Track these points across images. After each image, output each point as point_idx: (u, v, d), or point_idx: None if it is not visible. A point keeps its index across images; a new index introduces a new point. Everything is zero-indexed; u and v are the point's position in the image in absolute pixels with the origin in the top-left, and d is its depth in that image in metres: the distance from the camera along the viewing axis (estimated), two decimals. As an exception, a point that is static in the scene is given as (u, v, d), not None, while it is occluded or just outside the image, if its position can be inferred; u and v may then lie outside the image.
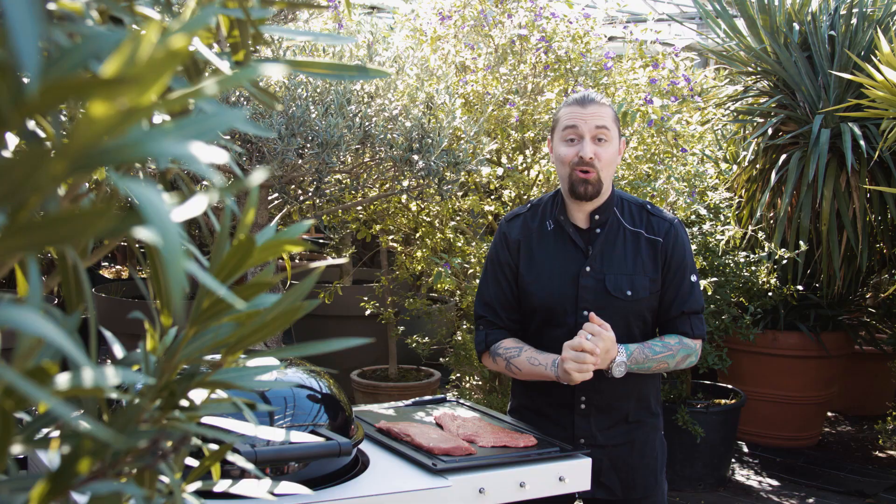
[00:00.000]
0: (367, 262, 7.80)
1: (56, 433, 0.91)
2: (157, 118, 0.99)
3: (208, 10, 0.68)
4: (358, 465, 2.46)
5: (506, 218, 3.20)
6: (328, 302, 5.61)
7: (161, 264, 0.95)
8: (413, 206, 5.41)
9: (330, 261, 1.44)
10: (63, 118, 1.07)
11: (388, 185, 4.68)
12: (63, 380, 0.73)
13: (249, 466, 1.23)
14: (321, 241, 8.42)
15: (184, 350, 0.98)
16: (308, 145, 3.75)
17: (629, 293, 2.97)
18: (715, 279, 5.30)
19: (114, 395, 0.74)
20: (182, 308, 0.75)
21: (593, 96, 3.00)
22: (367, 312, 6.12)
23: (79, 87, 0.53)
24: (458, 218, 5.42)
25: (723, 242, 5.37)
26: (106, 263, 10.33)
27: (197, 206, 0.66)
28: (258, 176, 0.70)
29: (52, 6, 0.80)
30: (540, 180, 5.15)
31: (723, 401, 5.92)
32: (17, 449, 0.78)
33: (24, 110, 0.53)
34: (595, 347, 2.78)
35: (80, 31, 0.70)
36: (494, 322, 3.11)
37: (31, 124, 0.85)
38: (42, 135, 0.85)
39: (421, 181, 4.14)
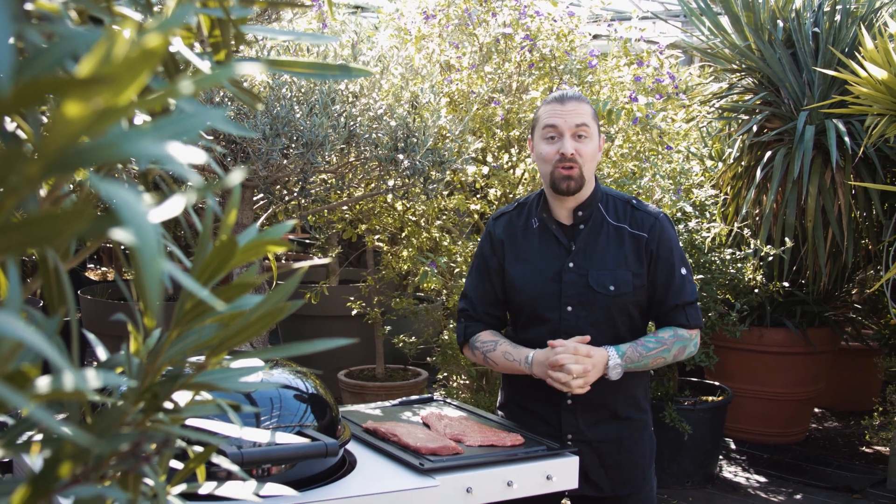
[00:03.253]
0: (353, 261, 7.79)
1: (39, 437, 0.90)
2: (139, 118, 0.98)
3: (185, 8, 0.67)
4: (345, 466, 2.45)
5: (493, 216, 3.24)
6: (315, 302, 5.59)
7: (138, 266, 0.95)
8: (399, 206, 5.41)
9: (314, 261, 1.43)
10: (44, 119, 1.06)
11: (373, 185, 4.67)
12: (44, 383, 0.72)
13: (234, 468, 1.22)
14: (307, 241, 8.41)
15: (167, 352, 0.98)
16: (293, 145, 3.74)
17: (612, 288, 2.98)
18: (701, 276, 5.31)
19: (95, 399, 0.73)
20: (160, 309, 0.74)
21: (571, 93, 3.03)
22: (354, 312, 6.11)
23: (53, 87, 0.53)
24: (443, 217, 5.41)
25: (709, 240, 5.38)
26: (91, 265, 10.30)
27: (175, 206, 0.66)
28: (237, 176, 0.70)
29: (29, 6, 0.79)
30: (525, 179, 5.15)
31: (710, 398, 5.92)
32: (-3, 454, 0.77)
33: (-2, 111, 0.53)
34: (575, 372, 2.84)
35: (57, 30, 0.69)
36: (473, 316, 3.14)
37: (12, 125, 0.85)
38: (22, 135, 0.84)
39: (406, 180, 4.14)
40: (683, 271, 3.07)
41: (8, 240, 0.55)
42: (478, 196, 5.41)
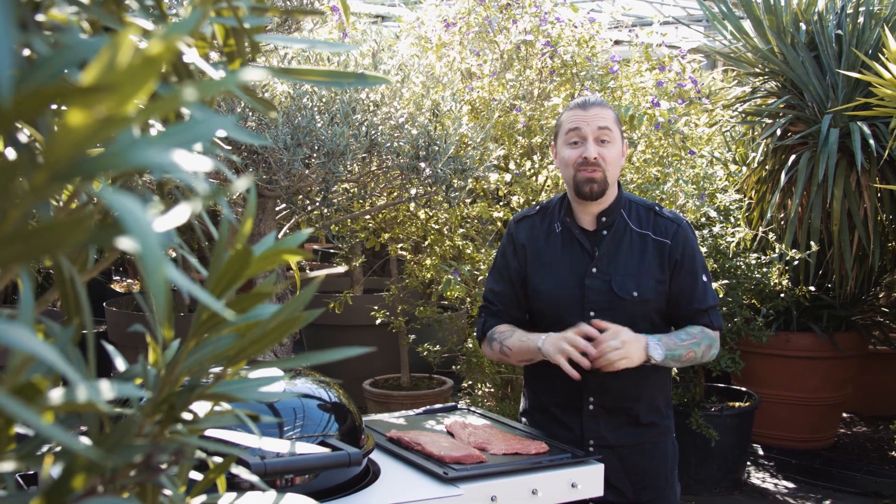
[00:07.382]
0: (376, 271, 7.79)
1: (58, 448, 0.89)
2: (154, 129, 0.98)
3: (192, 16, 0.66)
4: (369, 475, 2.45)
5: (515, 218, 3.23)
6: (338, 312, 5.59)
7: (143, 274, 0.94)
8: (421, 214, 5.40)
9: (332, 269, 1.42)
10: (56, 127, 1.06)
11: (395, 194, 4.67)
12: (57, 395, 0.71)
13: (254, 479, 1.22)
14: (331, 251, 8.42)
15: (184, 362, 0.97)
16: (314, 155, 3.74)
17: (635, 294, 2.98)
18: (726, 281, 5.27)
19: (106, 410, 0.73)
20: (173, 318, 0.74)
21: (594, 99, 3.03)
22: (378, 321, 6.11)
23: (55, 96, 0.52)
24: (466, 225, 5.40)
25: (733, 244, 5.35)
26: (117, 277, 10.34)
27: (180, 215, 0.65)
28: (243, 182, 0.69)
29: (41, 17, 0.79)
30: (548, 186, 5.14)
31: (737, 403, 5.89)
32: (9, 466, 0.77)
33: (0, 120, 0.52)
34: (592, 349, 2.82)
35: (61, 39, 0.69)
36: (494, 312, 3.15)
37: (25, 134, 0.84)
38: (35, 143, 0.84)
39: (428, 189, 4.13)
40: (705, 278, 3.08)
41: (9, 251, 0.55)
42: (501, 203, 5.39)
